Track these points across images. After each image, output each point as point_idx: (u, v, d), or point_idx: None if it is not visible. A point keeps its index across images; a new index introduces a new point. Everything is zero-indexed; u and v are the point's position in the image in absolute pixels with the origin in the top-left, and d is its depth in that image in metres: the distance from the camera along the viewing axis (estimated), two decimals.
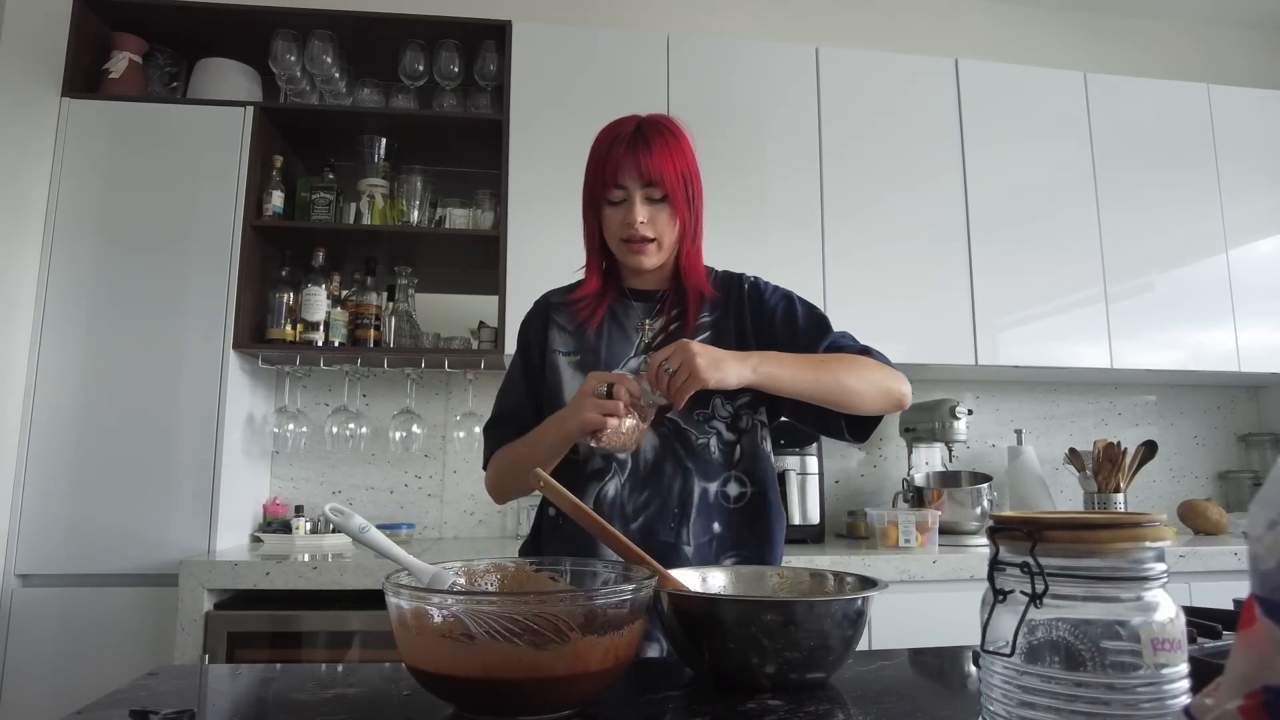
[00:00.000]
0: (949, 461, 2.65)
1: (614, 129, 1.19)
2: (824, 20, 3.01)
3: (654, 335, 1.24)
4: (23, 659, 1.95)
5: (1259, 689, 0.36)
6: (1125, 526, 0.56)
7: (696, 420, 1.18)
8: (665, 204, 1.17)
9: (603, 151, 1.18)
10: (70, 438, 2.06)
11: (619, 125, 1.20)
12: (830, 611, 0.79)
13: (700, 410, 1.18)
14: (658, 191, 1.16)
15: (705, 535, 1.16)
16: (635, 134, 1.17)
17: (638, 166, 1.14)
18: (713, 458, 1.18)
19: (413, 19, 2.42)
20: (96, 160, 2.19)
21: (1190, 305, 2.64)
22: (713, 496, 1.18)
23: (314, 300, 2.32)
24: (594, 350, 1.23)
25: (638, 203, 1.16)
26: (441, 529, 2.59)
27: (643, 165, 1.14)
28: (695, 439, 1.18)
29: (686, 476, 1.17)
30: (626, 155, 1.15)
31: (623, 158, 1.15)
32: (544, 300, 1.33)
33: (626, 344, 1.24)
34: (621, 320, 1.26)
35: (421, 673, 0.70)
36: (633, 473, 1.16)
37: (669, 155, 1.16)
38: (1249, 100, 2.78)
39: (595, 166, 1.19)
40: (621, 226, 1.17)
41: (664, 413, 1.13)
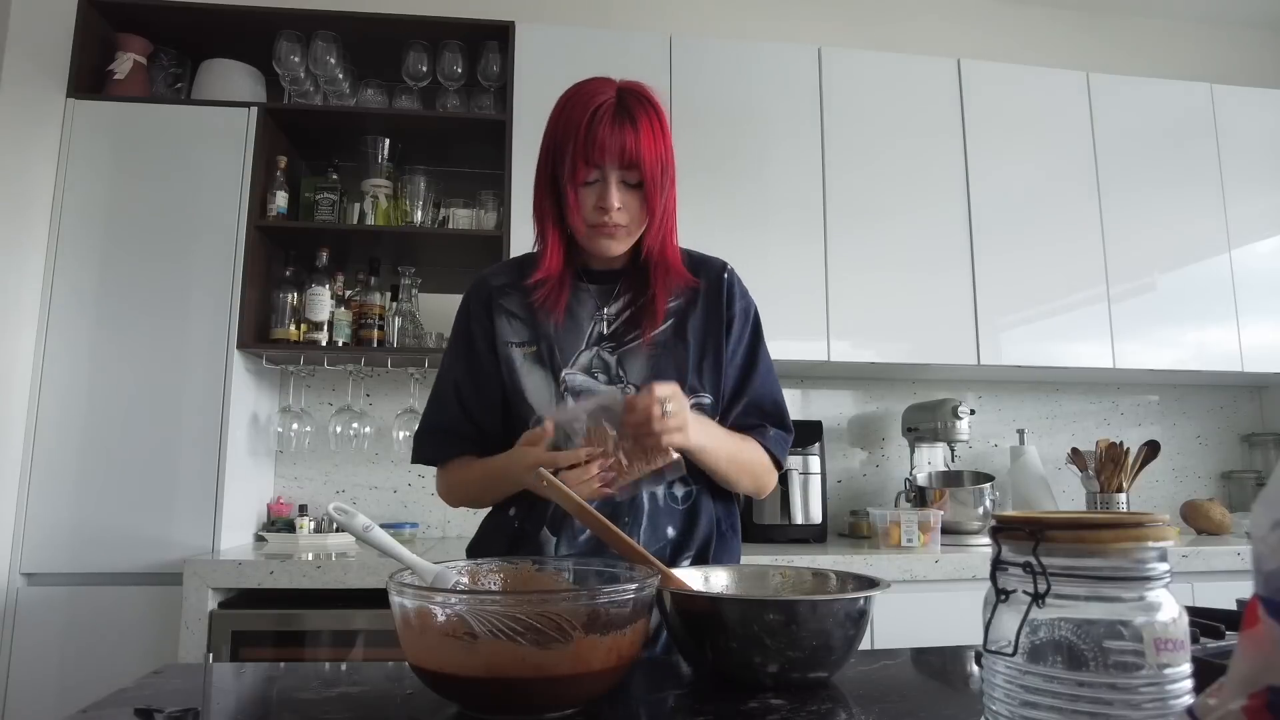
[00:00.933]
0: (951, 461, 2.65)
1: (590, 96, 1.06)
2: (826, 21, 3.01)
3: (611, 322, 1.15)
4: (28, 658, 1.96)
5: (1262, 689, 0.36)
6: (1128, 526, 0.56)
7: None
8: (639, 189, 1.07)
9: (579, 123, 1.04)
10: (75, 437, 2.07)
11: (595, 92, 1.07)
12: (832, 611, 0.79)
13: None
14: (634, 176, 1.06)
15: (659, 541, 1.10)
16: (618, 108, 1.05)
17: (621, 146, 1.03)
18: None
19: (416, 20, 2.43)
20: (101, 161, 2.19)
21: (1193, 305, 2.64)
22: (662, 500, 1.13)
23: (318, 300, 2.33)
24: (551, 339, 1.13)
25: (614, 186, 1.05)
26: (445, 528, 2.59)
27: (627, 145, 1.03)
28: None
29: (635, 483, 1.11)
30: (609, 132, 1.03)
31: (605, 135, 1.03)
32: (482, 285, 1.20)
33: (577, 333, 1.14)
34: (573, 306, 1.15)
35: (425, 672, 0.71)
36: None
37: (651, 136, 1.05)
38: (1252, 99, 2.78)
39: (568, 139, 1.05)
40: (593, 211, 1.07)
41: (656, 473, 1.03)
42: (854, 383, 2.87)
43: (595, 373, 1.13)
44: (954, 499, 2.41)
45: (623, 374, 1.13)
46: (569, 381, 1.12)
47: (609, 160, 1.04)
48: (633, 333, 1.14)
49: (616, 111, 1.05)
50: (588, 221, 1.08)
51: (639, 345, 1.13)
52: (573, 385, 1.12)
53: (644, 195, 1.07)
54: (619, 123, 1.04)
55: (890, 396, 2.87)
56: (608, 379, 1.13)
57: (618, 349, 1.14)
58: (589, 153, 1.04)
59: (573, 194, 1.07)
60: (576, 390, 1.12)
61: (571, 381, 1.12)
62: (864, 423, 2.87)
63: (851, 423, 2.86)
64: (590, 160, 1.04)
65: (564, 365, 1.12)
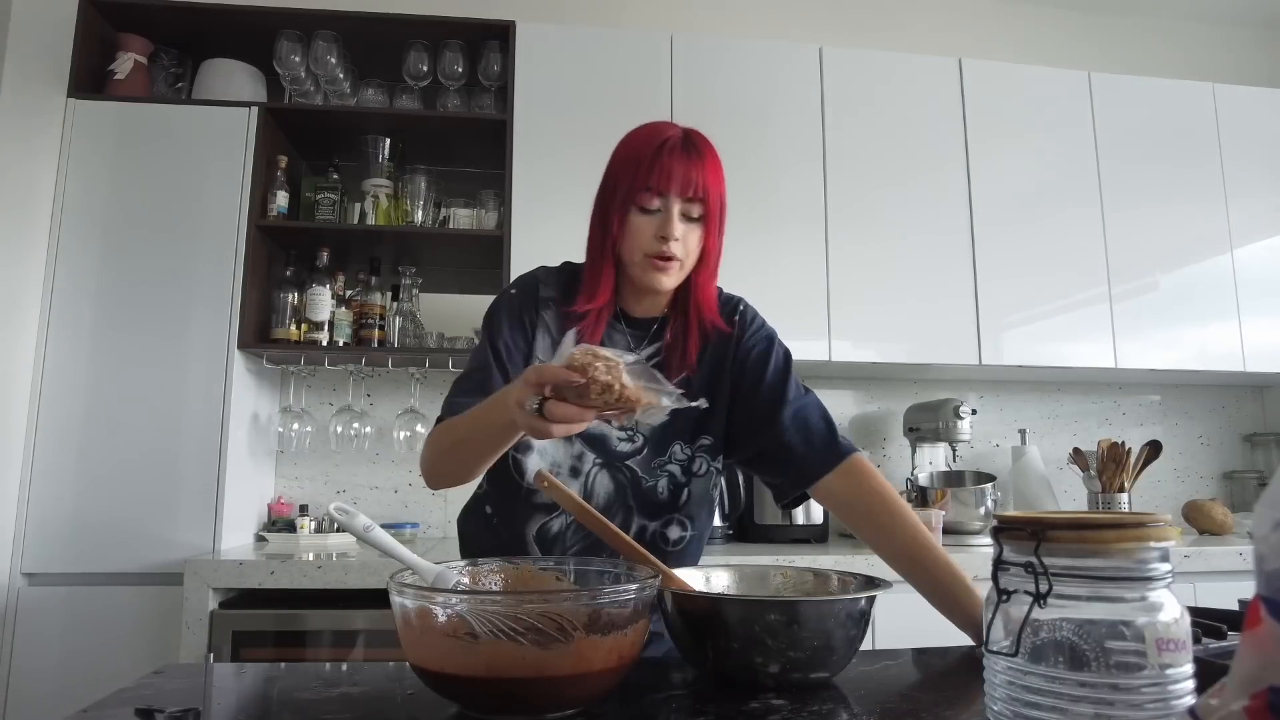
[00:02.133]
0: (953, 461, 2.64)
1: (656, 132, 1.06)
2: (827, 20, 3.00)
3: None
4: (29, 657, 1.96)
5: (1264, 689, 0.36)
6: (1130, 526, 0.56)
7: (652, 467, 1.11)
8: (698, 225, 1.05)
9: (647, 153, 1.03)
10: (76, 437, 2.07)
11: (661, 129, 1.07)
12: (834, 611, 0.79)
13: (659, 458, 1.11)
14: (697, 210, 1.04)
15: None
16: (685, 142, 1.05)
17: (687, 176, 1.02)
18: (659, 498, 1.11)
19: (417, 19, 2.43)
20: (102, 160, 2.19)
21: (1195, 305, 2.63)
22: (649, 536, 1.11)
23: (319, 300, 2.33)
24: None
25: (675, 216, 1.03)
26: (445, 528, 2.59)
27: (694, 177, 1.02)
28: (645, 482, 1.11)
29: (628, 515, 1.11)
30: (678, 163, 1.02)
31: (673, 164, 1.02)
32: (533, 286, 1.15)
33: None
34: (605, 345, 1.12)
35: (426, 672, 0.71)
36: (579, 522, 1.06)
37: (716, 173, 1.05)
38: (1254, 99, 2.78)
39: (634, 167, 1.04)
40: (652, 240, 1.03)
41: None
42: (855, 383, 2.87)
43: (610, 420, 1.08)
44: (955, 499, 2.41)
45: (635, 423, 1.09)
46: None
47: (674, 189, 1.02)
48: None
49: (684, 145, 1.04)
50: (644, 250, 1.04)
51: None
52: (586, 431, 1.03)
53: (702, 231, 1.06)
54: (686, 154, 1.03)
55: (891, 396, 2.87)
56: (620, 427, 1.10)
57: None
58: (655, 180, 1.02)
59: (623, 220, 1.04)
60: (589, 436, 1.09)
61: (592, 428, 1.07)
62: (865, 423, 2.86)
63: (853, 423, 2.86)
64: (655, 185, 1.02)
65: None
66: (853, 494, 1.07)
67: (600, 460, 1.10)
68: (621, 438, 1.11)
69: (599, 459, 1.11)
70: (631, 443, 1.11)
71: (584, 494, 1.09)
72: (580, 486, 1.09)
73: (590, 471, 1.10)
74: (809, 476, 1.09)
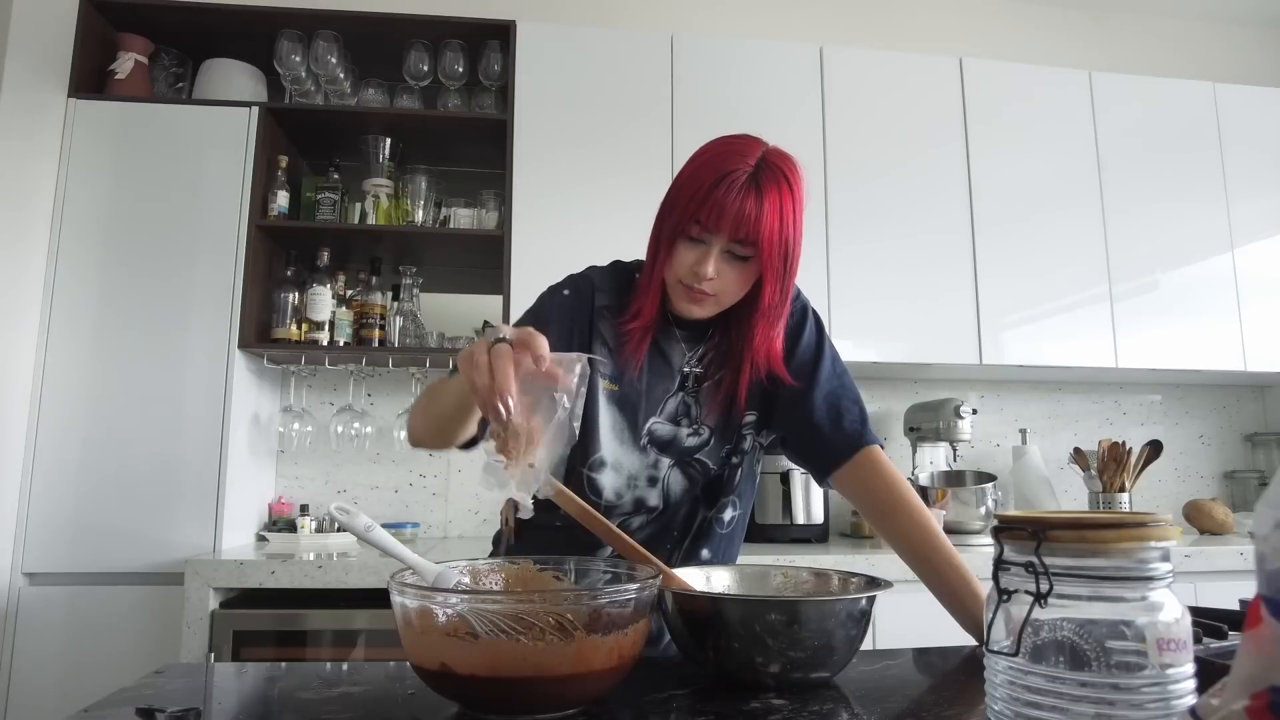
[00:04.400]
0: (953, 461, 2.64)
1: (727, 160, 0.98)
2: (828, 19, 3.00)
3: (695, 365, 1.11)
4: (30, 657, 1.96)
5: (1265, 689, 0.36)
6: (1130, 526, 0.56)
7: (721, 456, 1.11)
8: (747, 264, 1.00)
9: (704, 186, 0.96)
10: (76, 437, 2.07)
11: (734, 158, 0.98)
12: (835, 611, 0.79)
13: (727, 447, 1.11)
14: (745, 250, 0.98)
15: (694, 560, 1.09)
16: (750, 178, 0.96)
17: (737, 217, 0.95)
18: (722, 481, 1.12)
19: (417, 19, 2.43)
20: (103, 160, 2.19)
21: (1196, 304, 2.63)
22: (708, 523, 1.12)
23: (319, 300, 2.33)
24: (634, 384, 1.08)
25: (715, 254, 0.98)
26: (446, 528, 2.59)
27: (743, 216, 0.95)
28: (713, 470, 1.11)
29: (694, 505, 1.12)
30: (734, 200, 0.95)
31: (727, 205, 0.95)
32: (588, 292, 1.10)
33: (669, 377, 1.10)
34: (665, 351, 1.10)
35: (426, 671, 0.71)
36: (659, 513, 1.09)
37: (778, 214, 0.97)
38: (1255, 98, 2.77)
39: (688, 198, 0.98)
40: (688, 272, 0.99)
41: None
42: (856, 382, 2.86)
43: (680, 419, 1.09)
44: (956, 499, 2.41)
45: (700, 414, 1.09)
46: (656, 432, 1.08)
47: (723, 229, 0.96)
48: (716, 374, 1.10)
49: (749, 182, 0.96)
50: (679, 279, 1.01)
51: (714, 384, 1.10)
52: (658, 435, 1.08)
53: (751, 273, 1.01)
54: (744, 192, 0.96)
55: (892, 396, 2.87)
56: (689, 423, 1.09)
57: (696, 389, 1.10)
58: (704, 214, 0.96)
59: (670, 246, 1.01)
60: (662, 442, 1.09)
61: (658, 432, 1.08)
62: None
63: None
64: (702, 220, 0.97)
65: (653, 413, 1.08)
66: (865, 486, 1.08)
67: (672, 461, 1.10)
68: (688, 433, 1.10)
69: (672, 461, 1.10)
70: (698, 436, 1.10)
71: (661, 498, 1.09)
72: (659, 491, 1.09)
73: (665, 476, 1.10)
74: (826, 463, 1.09)
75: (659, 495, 1.09)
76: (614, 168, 2.38)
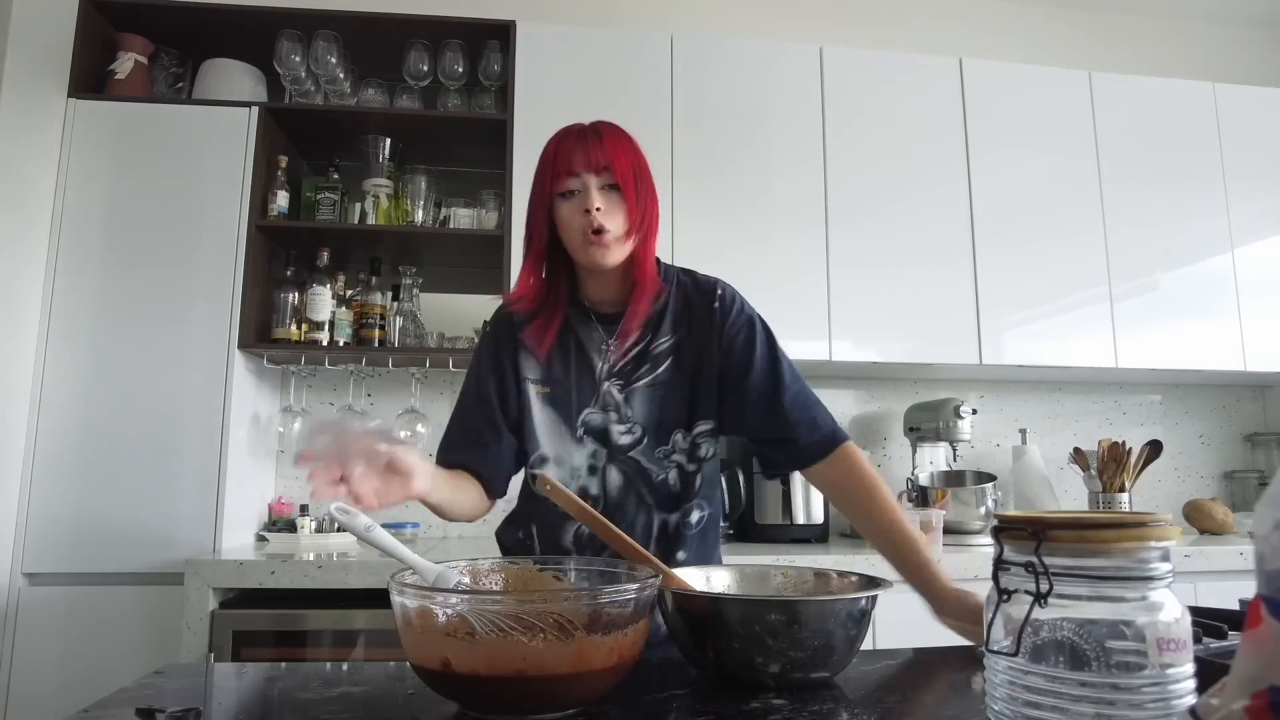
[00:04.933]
0: (953, 461, 2.64)
1: (561, 131, 1.16)
2: (828, 20, 3.00)
3: (618, 358, 1.17)
4: (30, 657, 1.96)
5: (1265, 689, 0.36)
6: (1130, 526, 0.56)
7: (657, 458, 1.15)
8: (617, 194, 1.10)
9: (551, 148, 1.13)
10: (76, 436, 2.07)
11: (567, 128, 1.16)
12: (834, 611, 0.79)
13: (661, 448, 1.15)
14: (610, 178, 1.10)
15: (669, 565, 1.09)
16: (585, 129, 1.13)
17: (588, 154, 1.10)
18: (672, 490, 1.16)
19: (417, 19, 2.43)
20: (102, 161, 2.19)
21: (1195, 304, 2.63)
22: (673, 526, 1.16)
23: (319, 300, 2.33)
24: (562, 382, 1.16)
25: (594, 190, 1.09)
26: (446, 528, 2.59)
27: (593, 152, 1.10)
28: (655, 475, 1.15)
29: (649, 512, 1.15)
30: (577, 145, 1.10)
31: (573, 148, 1.10)
32: (506, 316, 1.22)
33: (591, 368, 1.17)
34: (584, 342, 1.18)
35: (426, 671, 0.71)
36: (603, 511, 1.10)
37: (619, 146, 1.12)
38: (1255, 99, 2.77)
39: (545, 163, 1.13)
40: (578, 218, 1.09)
41: None
42: (856, 382, 2.87)
43: (610, 410, 1.15)
44: (956, 499, 2.41)
45: (630, 414, 1.15)
46: (589, 421, 1.15)
47: (581, 166, 1.09)
48: (639, 369, 1.16)
49: (583, 130, 1.13)
50: (577, 231, 1.10)
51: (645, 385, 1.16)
52: (592, 424, 1.15)
53: (621, 200, 1.10)
54: (584, 136, 1.12)
55: (892, 396, 2.87)
56: (619, 418, 1.15)
57: (625, 387, 1.16)
58: (561, 164, 1.10)
59: (557, 210, 1.11)
60: (596, 430, 1.15)
61: (590, 421, 1.15)
62: (866, 422, 2.86)
63: (853, 422, 2.86)
64: (563, 169, 1.10)
65: (587, 403, 1.15)
66: (842, 480, 1.15)
67: (608, 455, 1.15)
68: (620, 430, 1.15)
69: (607, 454, 1.15)
70: (631, 434, 1.15)
71: (600, 489, 1.14)
72: (598, 483, 1.15)
73: (603, 468, 1.15)
74: (806, 460, 1.16)
75: (598, 486, 1.15)
76: None
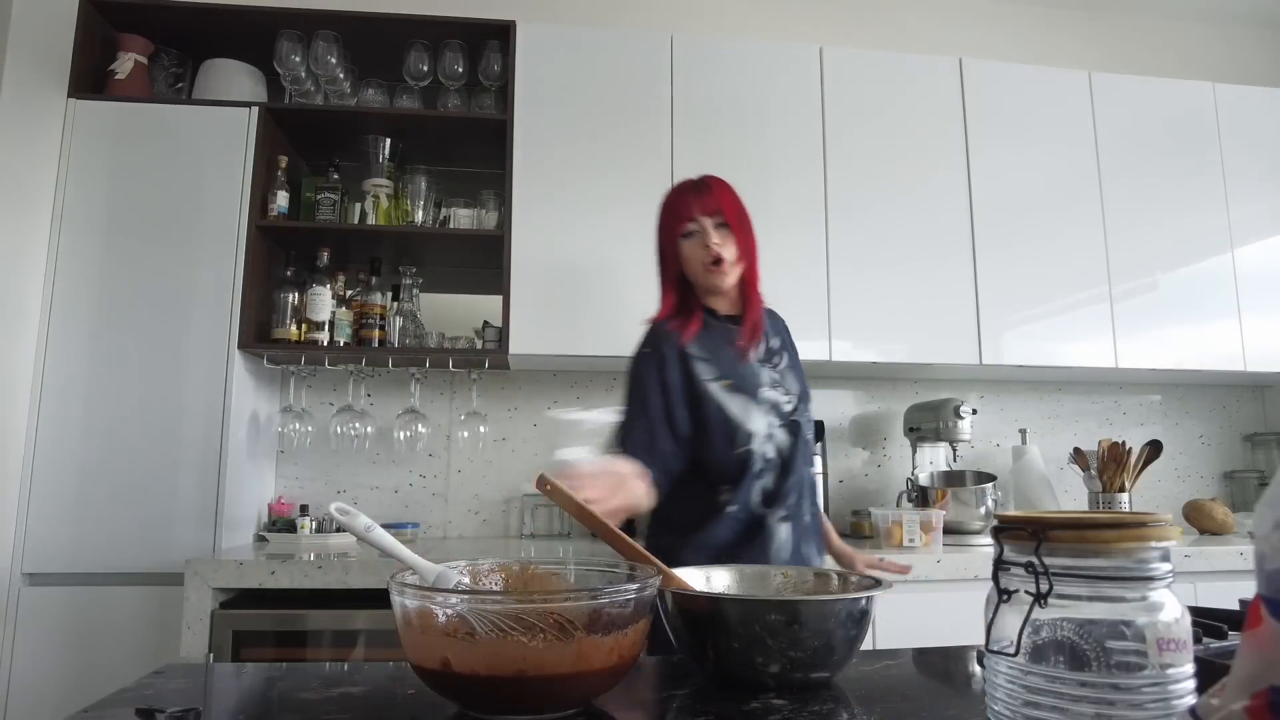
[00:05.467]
0: (953, 461, 2.64)
1: (677, 186, 1.48)
2: (828, 20, 3.00)
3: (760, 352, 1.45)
4: (29, 657, 1.96)
5: (1265, 689, 0.36)
6: (1130, 526, 0.56)
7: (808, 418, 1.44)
8: (727, 230, 1.41)
9: (674, 200, 1.45)
10: (76, 437, 2.07)
11: (682, 183, 1.48)
12: (834, 611, 0.79)
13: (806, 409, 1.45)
14: (721, 219, 1.41)
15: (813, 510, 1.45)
16: (698, 183, 1.45)
17: (703, 202, 1.41)
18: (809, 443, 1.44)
19: (417, 19, 2.43)
20: (102, 161, 2.19)
21: (1196, 304, 2.63)
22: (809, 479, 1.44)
23: (319, 300, 2.33)
24: (738, 373, 1.40)
25: (710, 228, 1.40)
26: (446, 528, 2.59)
27: (706, 200, 1.42)
28: (806, 431, 1.42)
29: (809, 464, 1.44)
30: (694, 197, 1.42)
31: (691, 199, 1.42)
32: (658, 331, 1.43)
33: (744, 361, 1.43)
34: (726, 341, 1.44)
35: (426, 671, 0.71)
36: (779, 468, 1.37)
37: (725, 193, 1.45)
38: (1255, 99, 2.77)
39: (669, 214, 1.45)
40: (700, 251, 1.40)
41: None
42: (855, 382, 2.87)
43: (775, 386, 1.42)
44: (956, 499, 2.41)
45: (788, 389, 1.44)
46: (768, 398, 1.40)
47: (698, 211, 1.41)
48: (772, 358, 1.47)
49: (693, 185, 1.45)
50: (700, 263, 1.41)
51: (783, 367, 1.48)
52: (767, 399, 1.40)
53: (733, 235, 1.41)
54: (697, 190, 1.44)
55: (892, 396, 2.87)
56: (783, 390, 1.43)
57: (775, 368, 1.46)
58: (683, 212, 1.42)
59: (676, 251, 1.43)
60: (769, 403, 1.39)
61: (767, 396, 1.40)
62: (865, 422, 2.86)
63: (853, 422, 2.86)
64: (685, 216, 1.42)
65: (764, 382, 1.41)
66: None
67: (778, 421, 1.40)
68: (785, 400, 1.42)
69: (778, 421, 1.40)
70: (792, 402, 1.43)
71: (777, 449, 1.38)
72: (774, 445, 1.38)
73: (775, 434, 1.38)
74: None
75: (774, 448, 1.38)
76: (614, 168, 2.38)
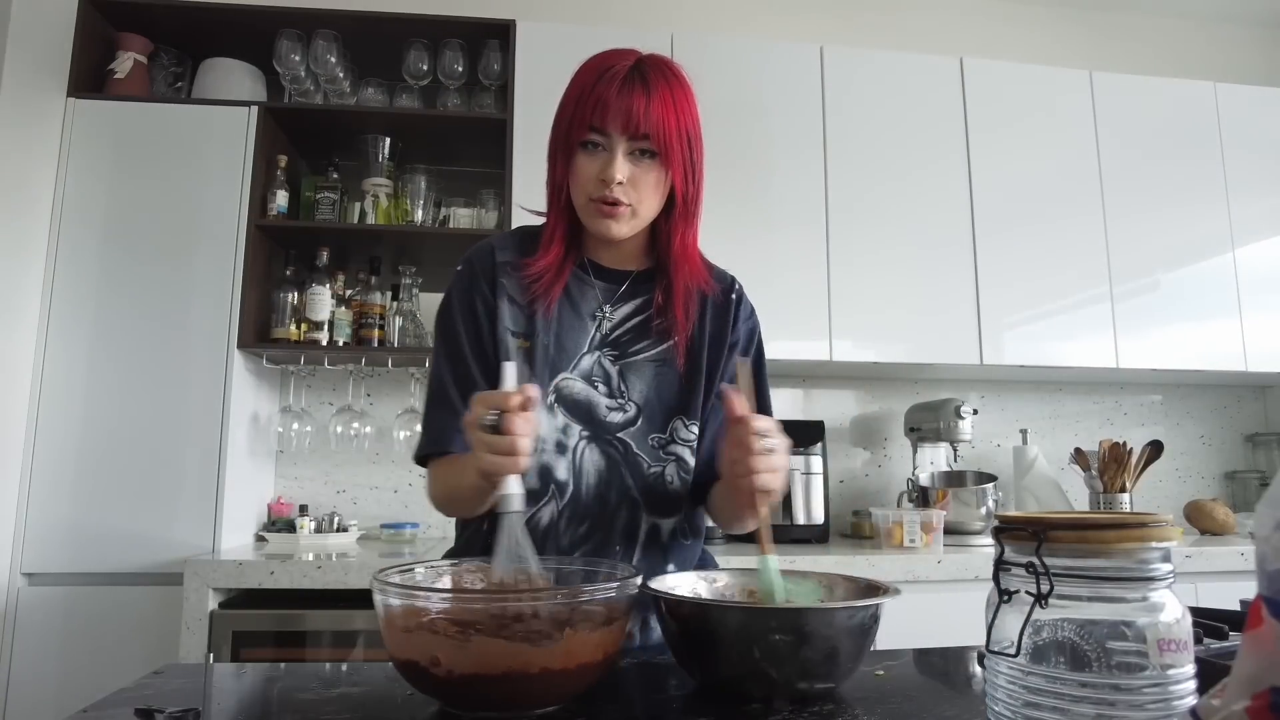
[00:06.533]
0: (954, 461, 2.64)
1: (605, 60, 0.96)
2: (829, 19, 3.00)
3: (614, 327, 1.02)
4: (29, 658, 1.95)
5: (1266, 690, 0.36)
6: (1131, 527, 0.56)
7: (652, 446, 1.00)
8: (654, 163, 0.94)
9: (587, 85, 0.94)
10: (76, 437, 2.07)
11: (612, 57, 0.96)
12: (842, 621, 0.77)
13: (657, 435, 1.01)
14: (648, 145, 0.94)
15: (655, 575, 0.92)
16: (631, 71, 0.93)
17: (628, 110, 0.91)
18: (670, 489, 1.01)
19: (417, 18, 2.43)
20: (102, 160, 2.19)
21: (1196, 304, 2.63)
22: (666, 534, 1.02)
23: (318, 300, 2.33)
24: (546, 336, 1.00)
25: (619, 156, 0.93)
26: (446, 528, 2.59)
27: (635, 110, 0.91)
28: (647, 467, 1.00)
29: (633, 509, 1.00)
30: (617, 95, 0.92)
31: (611, 97, 0.92)
32: (487, 253, 1.04)
33: (581, 332, 1.01)
34: (576, 300, 1.02)
35: (407, 668, 0.71)
36: (573, 499, 0.98)
37: (670, 104, 0.94)
38: (1256, 98, 2.77)
39: (574, 102, 0.95)
40: (593, 182, 0.94)
41: None
42: (856, 382, 2.87)
43: (595, 382, 1.00)
44: (957, 499, 2.41)
45: (625, 389, 1.01)
46: (566, 389, 1.00)
47: (611, 123, 0.92)
48: (640, 343, 1.02)
49: (630, 74, 0.93)
50: (587, 194, 0.95)
51: (645, 360, 1.02)
52: (569, 393, 1.00)
53: (660, 172, 0.95)
54: (629, 84, 0.93)
55: (892, 396, 2.87)
56: (608, 391, 1.00)
57: (620, 359, 1.02)
58: (590, 111, 0.93)
59: (567, 160, 0.96)
60: (572, 402, 1.00)
61: (569, 389, 1.00)
62: (866, 422, 2.86)
63: (854, 423, 2.85)
64: (590, 119, 0.93)
65: (564, 367, 1.00)
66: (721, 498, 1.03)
67: (587, 433, 1.00)
68: (611, 405, 1.00)
69: (585, 431, 1.00)
70: (623, 411, 1.01)
71: (571, 472, 0.99)
72: (568, 463, 0.99)
73: (578, 446, 0.99)
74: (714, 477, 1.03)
75: (568, 468, 0.98)
76: None
